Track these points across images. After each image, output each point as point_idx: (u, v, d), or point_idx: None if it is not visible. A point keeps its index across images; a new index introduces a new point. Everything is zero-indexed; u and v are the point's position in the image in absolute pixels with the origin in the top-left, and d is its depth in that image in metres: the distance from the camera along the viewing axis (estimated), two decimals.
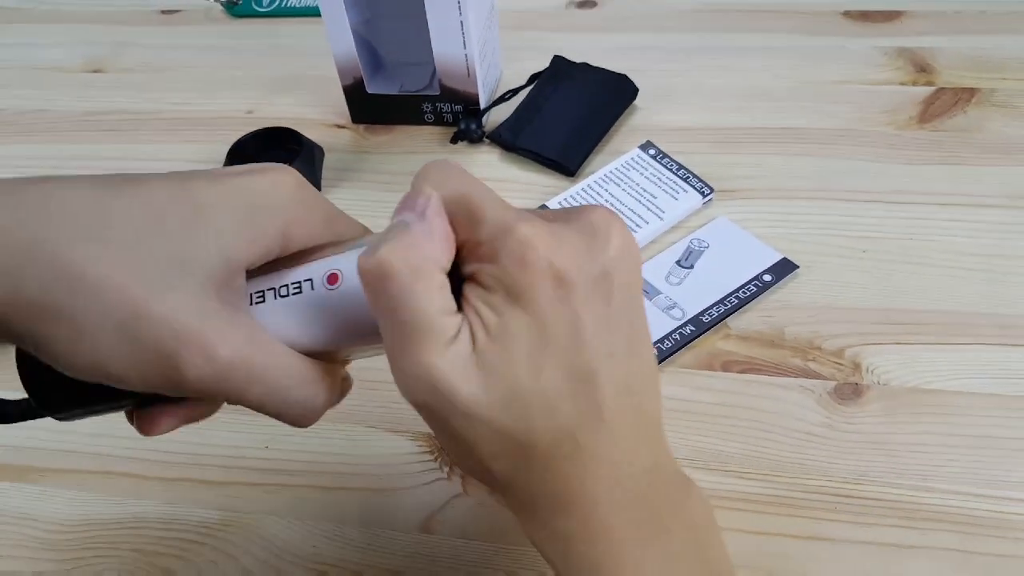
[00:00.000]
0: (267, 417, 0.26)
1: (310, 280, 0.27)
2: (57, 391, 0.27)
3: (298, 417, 0.27)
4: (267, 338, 0.26)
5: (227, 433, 0.44)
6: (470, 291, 0.24)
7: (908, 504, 0.38)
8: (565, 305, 0.23)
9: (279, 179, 0.26)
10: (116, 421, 0.45)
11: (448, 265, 0.24)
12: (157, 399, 0.27)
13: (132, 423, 0.28)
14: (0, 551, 0.41)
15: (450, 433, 0.24)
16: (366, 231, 0.29)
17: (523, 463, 0.24)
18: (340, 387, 0.28)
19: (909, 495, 0.38)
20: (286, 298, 0.26)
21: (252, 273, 0.27)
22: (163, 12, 0.79)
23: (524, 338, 0.23)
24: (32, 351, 0.24)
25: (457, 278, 0.24)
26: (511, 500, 0.26)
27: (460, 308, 0.24)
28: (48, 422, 0.44)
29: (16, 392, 0.28)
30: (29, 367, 0.27)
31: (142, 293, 0.23)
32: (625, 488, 0.25)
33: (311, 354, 0.27)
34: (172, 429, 0.28)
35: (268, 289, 0.27)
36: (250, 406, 0.26)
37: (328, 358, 0.28)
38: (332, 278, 0.26)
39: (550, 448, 0.24)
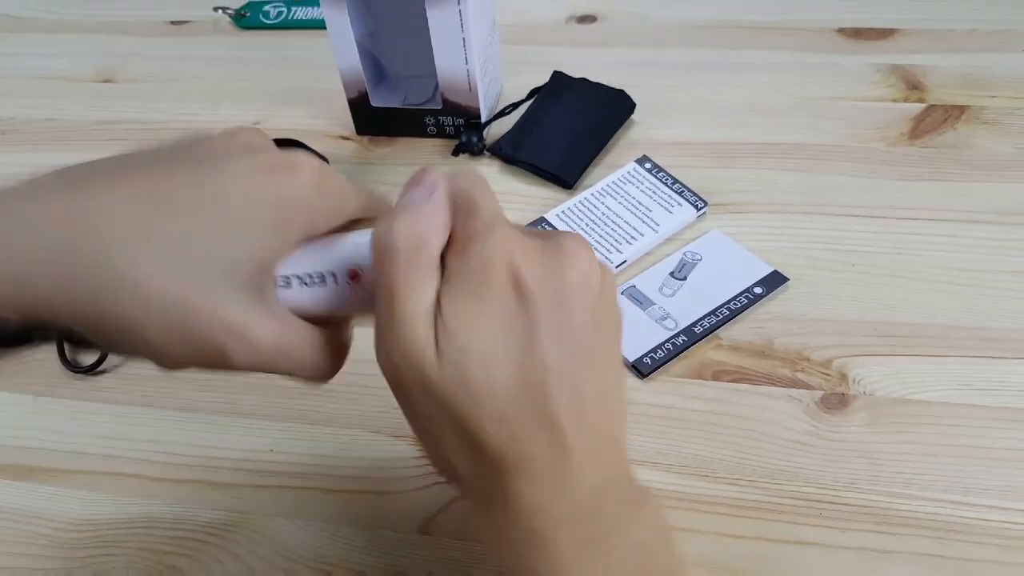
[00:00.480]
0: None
1: (333, 275, 0.29)
2: None
3: (319, 378, 0.30)
4: (294, 321, 0.28)
5: (235, 437, 0.46)
6: (443, 285, 0.26)
7: (888, 510, 0.39)
8: (521, 310, 0.25)
9: (306, 178, 0.27)
10: (128, 424, 0.47)
11: (442, 247, 0.26)
12: None
13: None
14: (10, 548, 0.43)
15: (412, 411, 0.26)
16: (389, 206, 0.31)
17: (475, 458, 0.26)
18: (348, 344, 0.31)
19: (889, 501, 0.39)
20: (310, 287, 0.29)
21: None
22: (171, 23, 0.81)
23: (480, 331, 0.25)
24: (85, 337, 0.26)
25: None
26: (467, 494, 0.28)
27: None
28: (59, 422, 0.46)
29: None
30: None
31: (190, 298, 0.25)
32: (571, 501, 0.26)
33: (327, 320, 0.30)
34: None
35: (294, 276, 0.29)
36: (278, 373, 0.28)
37: (341, 322, 0.31)
38: (354, 275, 0.29)
39: (499, 449, 0.25)
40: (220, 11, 0.79)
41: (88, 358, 0.50)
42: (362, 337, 0.31)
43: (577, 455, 0.26)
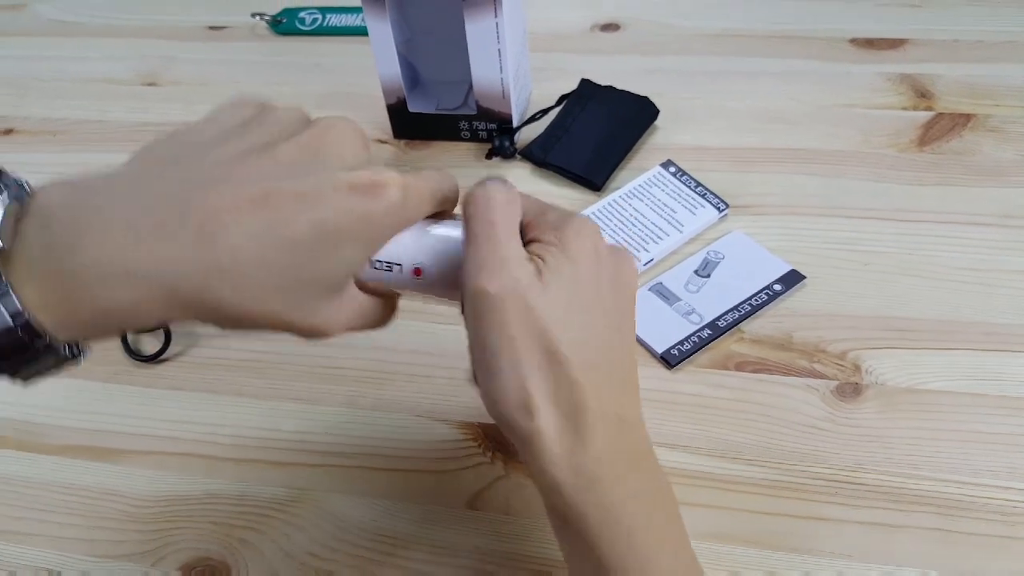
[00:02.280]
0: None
1: (400, 266, 0.33)
2: None
3: (377, 330, 0.35)
4: (363, 301, 0.34)
5: (293, 420, 0.49)
6: (534, 247, 0.32)
7: (898, 489, 0.43)
8: (595, 266, 0.33)
9: (393, 198, 0.31)
10: (190, 409, 0.51)
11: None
12: None
13: None
14: (89, 523, 0.46)
15: (501, 336, 0.30)
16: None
17: (557, 373, 0.30)
18: (397, 305, 0.36)
19: (899, 481, 0.43)
20: (378, 271, 0.33)
21: None
22: (210, 28, 0.84)
23: (567, 278, 0.31)
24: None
25: None
26: (530, 431, 0.31)
27: None
28: (126, 407, 0.49)
29: None
30: None
31: (288, 314, 0.30)
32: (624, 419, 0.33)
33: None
34: None
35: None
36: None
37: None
38: (417, 271, 0.33)
39: (571, 359, 0.30)
40: (258, 17, 0.82)
41: (149, 348, 0.54)
42: (406, 332, 0.34)
43: (605, 387, 0.32)
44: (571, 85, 0.67)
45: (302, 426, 0.49)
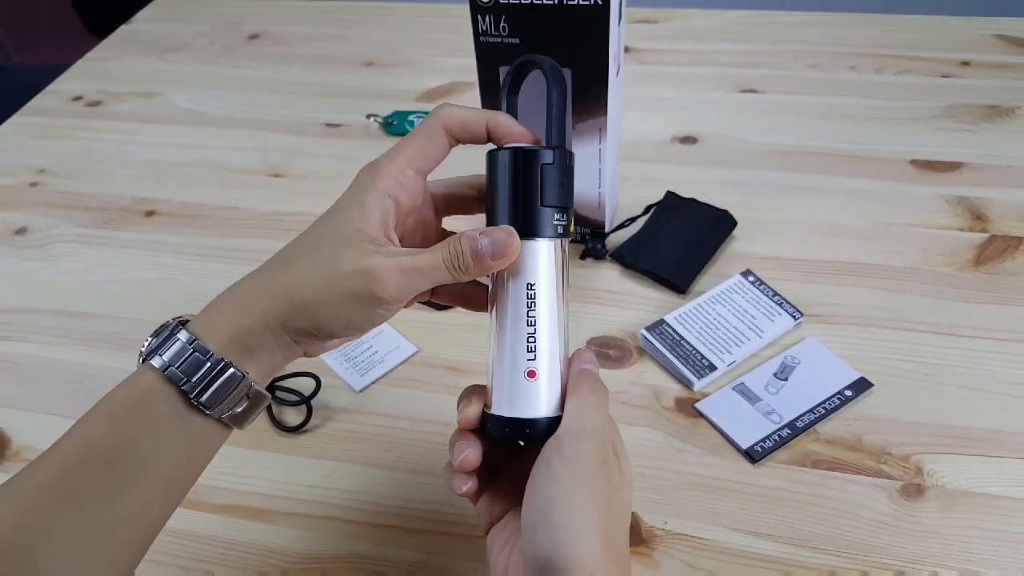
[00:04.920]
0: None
1: None
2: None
3: (453, 280, 0.41)
4: (410, 251, 0.40)
5: (423, 492, 0.57)
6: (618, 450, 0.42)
7: None
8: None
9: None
10: (331, 476, 0.58)
11: None
12: None
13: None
14: (249, 575, 0.54)
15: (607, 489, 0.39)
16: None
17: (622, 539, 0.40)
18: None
19: None
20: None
21: None
22: (327, 125, 0.95)
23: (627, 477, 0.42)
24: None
25: None
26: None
27: None
28: (273, 472, 0.57)
29: None
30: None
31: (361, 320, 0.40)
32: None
33: None
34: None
35: None
36: (423, 292, 0.43)
37: None
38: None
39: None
40: (371, 119, 0.92)
41: (292, 420, 0.62)
42: None
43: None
44: (654, 193, 0.75)
45: (432, 497, 0.57)
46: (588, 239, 0.73)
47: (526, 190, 0.41)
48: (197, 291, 0.74)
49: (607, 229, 0.73)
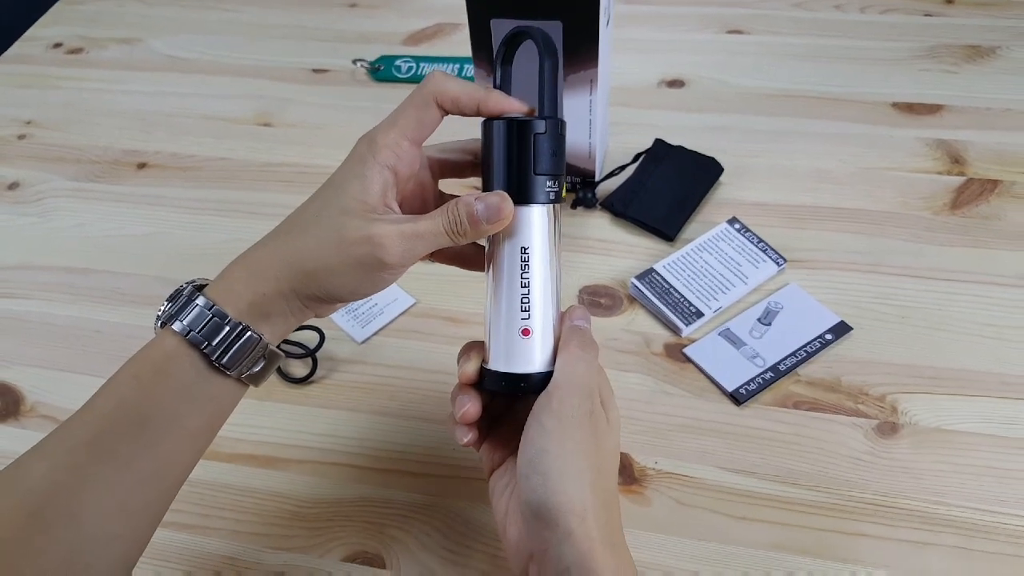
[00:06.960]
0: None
1: None
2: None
3: (453, 243, 0.44)
4: (408, 216, 0.42)
5: (426, 438, 0.60)
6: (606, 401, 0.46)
7: (927, 513, 0.53)
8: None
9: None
10: (337, 424, 0.61)
11: None
12: None
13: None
14: (263, 519, 0.57)
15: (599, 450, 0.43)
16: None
17: (612, 484, 0.44)
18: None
19: (928, 507, 0.53)
20: None
21: None
22: (314, 71, 0.94)
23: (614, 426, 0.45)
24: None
25: None
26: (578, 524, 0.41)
27: None
28: (282, 422, 0.59)
29: None
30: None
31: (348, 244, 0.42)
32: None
33: None
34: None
35: None
36: (429, 253, 0.45)
37: None
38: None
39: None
40: (358, 63, 0.92)
41: (298, 372, 0.65)
42: None
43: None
44: (642, 139, 0.77)
45: (431, 442, 0.60)
46: (579, 188, 0.75)
47: (519, 159, 0.43)
48: (193, 245, 0.75)
49: (597, 178, 0.75)
